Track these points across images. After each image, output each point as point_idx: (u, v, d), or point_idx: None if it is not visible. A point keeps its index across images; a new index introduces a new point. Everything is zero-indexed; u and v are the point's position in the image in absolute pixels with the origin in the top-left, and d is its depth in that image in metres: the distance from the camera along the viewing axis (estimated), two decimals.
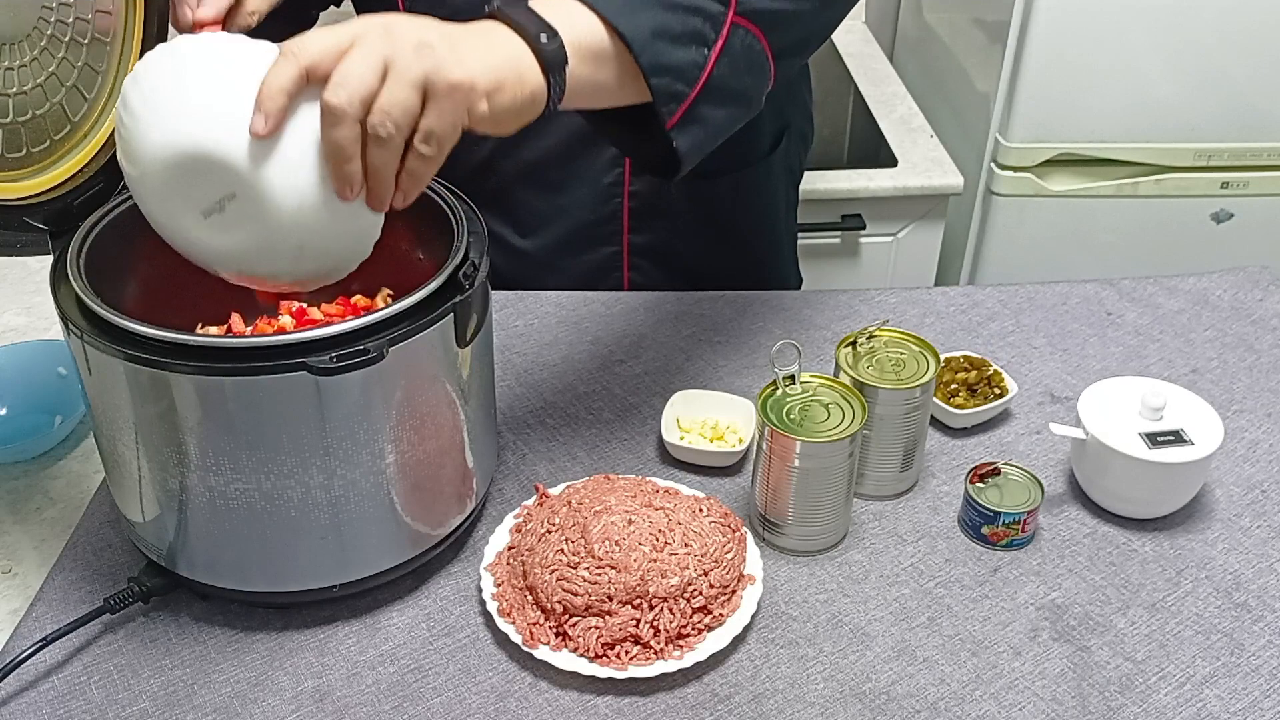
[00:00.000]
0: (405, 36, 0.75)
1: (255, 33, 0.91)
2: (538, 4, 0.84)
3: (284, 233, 0.78)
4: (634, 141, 0.98)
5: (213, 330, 1.02)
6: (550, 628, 0.89)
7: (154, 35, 0.96)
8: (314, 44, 0.74)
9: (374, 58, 0.74)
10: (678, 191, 1.29)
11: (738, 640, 0.90)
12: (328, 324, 0.80)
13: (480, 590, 0.93)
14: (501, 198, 1.29)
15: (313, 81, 0.74)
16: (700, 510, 0.94)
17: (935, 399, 1.09)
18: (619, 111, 0.92)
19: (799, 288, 1.50)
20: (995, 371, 1.13)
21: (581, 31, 0.84)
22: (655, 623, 0.87)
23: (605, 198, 1.28)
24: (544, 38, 0.81)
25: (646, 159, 0.99)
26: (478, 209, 0.94)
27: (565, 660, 0.87)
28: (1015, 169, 1.97)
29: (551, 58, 0.82)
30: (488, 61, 0.79)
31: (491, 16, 0.83)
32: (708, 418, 1.10)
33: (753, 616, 0.91)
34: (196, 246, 0.83)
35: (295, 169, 0.76)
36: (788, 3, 0.95)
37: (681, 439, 1.08)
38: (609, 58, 0.86)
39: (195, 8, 0.89)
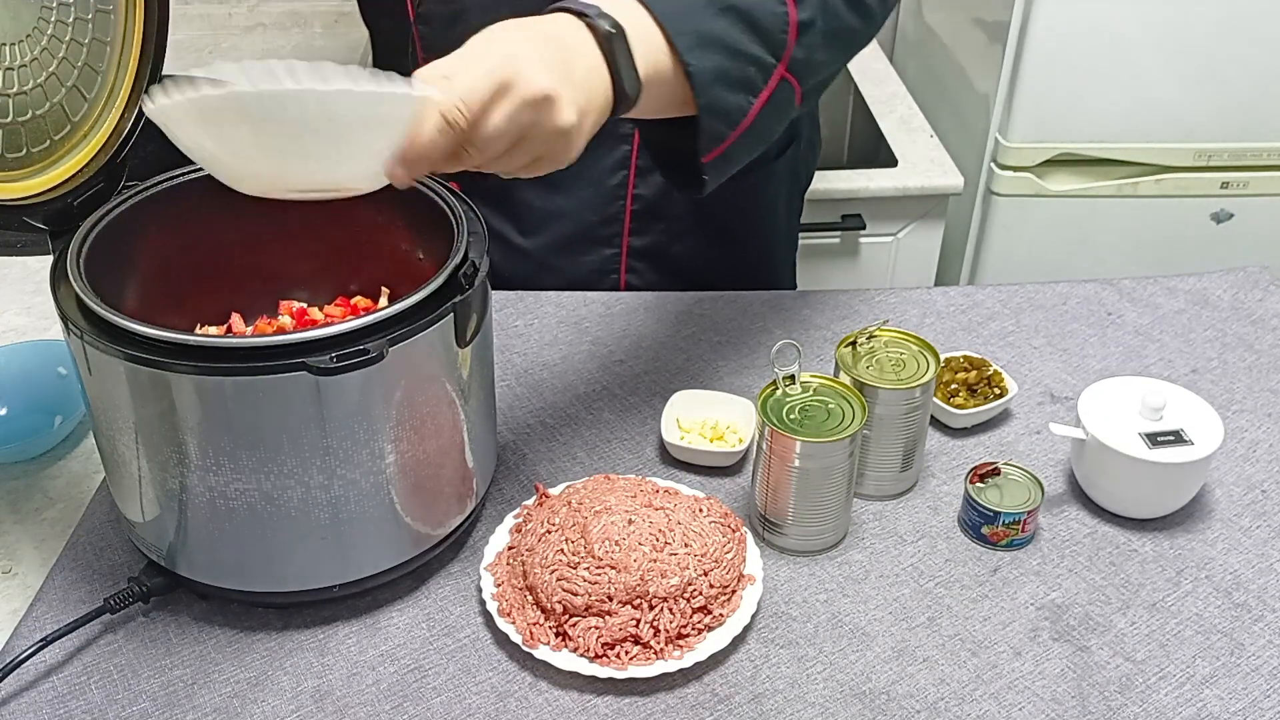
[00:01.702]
0: (550, 120, 0.79)
1: None
2: (622, 16, 0.86)
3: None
4: (660, 152, 1.01)
5: (213, 330, 1.03)
6: (550, 628, 0.89)
7: (154, 35, 0.96)
8: (472, 103, 0.75)
9: (515, 129, 0.78)
10: (680, 195, 1.29)
11: (738, 640, 0.90)
12: (328, 324, 0.80)
13: (480, 590, 0.93)
14: (504, 196, 1.29)
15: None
16: (700, 510, 0.94)
17: (935, 399, 1.09)
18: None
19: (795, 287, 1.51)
20: (995, 371, 1.13)
21: (655, 57, 0.87)
22: (655, 623, 0.87)
23: (609, 200, 1.28)
24: (628, 87, 0.85)
25: (667, 165, 1.01)
26: (480, 206, 0.94)
27: (565, 660, 0.87)
28: (1015, 169, 1.97)
29: (625, 102, 0.86)
30: (591, 126, 0.83)
31: (593, 33, 0.84)
32: (708, 418, 1.10)
33: (753, 616, 0.91)
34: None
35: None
36: (826, 56, 1.00)
37: (681, 439, 1.08)
38: (670, 85, 0.89)
39: None
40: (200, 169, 0.97)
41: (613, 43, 0.84)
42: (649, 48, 0.87)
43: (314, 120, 0.70)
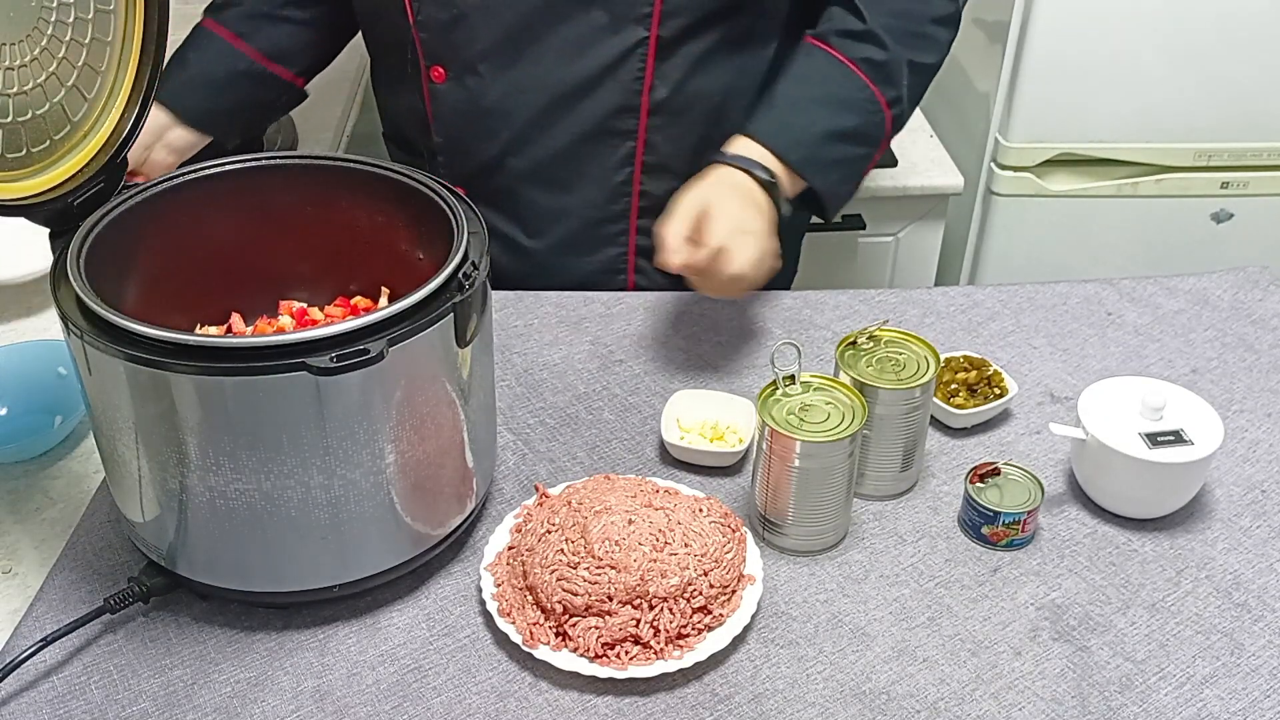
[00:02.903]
0: (735, 266, 1.07)
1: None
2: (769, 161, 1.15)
3: None
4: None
5: (213, 330, 1.03)
6: (550, 628, 0.89)
7: (154, 35, 0.96)
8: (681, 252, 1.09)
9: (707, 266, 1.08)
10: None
11: (738, 640, 0.90)
12: (328, 324, 0.80)
13: (480, 590, 0.93)
14: (510, 196, 1.29)
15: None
16: (700, 510, 0.94)
17: (935, 399, 1.09)
18: None
19: (790, 285, 1.51)
20: (995, 371, 1.13)
21: (796, 184, 1.17)
22: (655, 623, 0.87)
23: (614, 197, 1.28)
24: (783, 210, 1.15)
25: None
26: (485, 209, 0.94)
27: (565, 660, 0.87)
28: (1015, 169, 1.97)
29: (784, 215, 1.16)
30: (770, 244, 1.11)
31: (764, 187, 1.14)
32: (708, 418, 1.10)
33: (753, 616, 0.91)
34: None
35: None
36: (913, 109, 1.24)
37: (681, 439, 1.08)
38: (802, 189, 1.18)
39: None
40: (199, 169, 0.97)
41: (771, 190, 1.13)
42: (793, 181, 1.16)
43: None
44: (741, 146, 1.16)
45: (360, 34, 1.39)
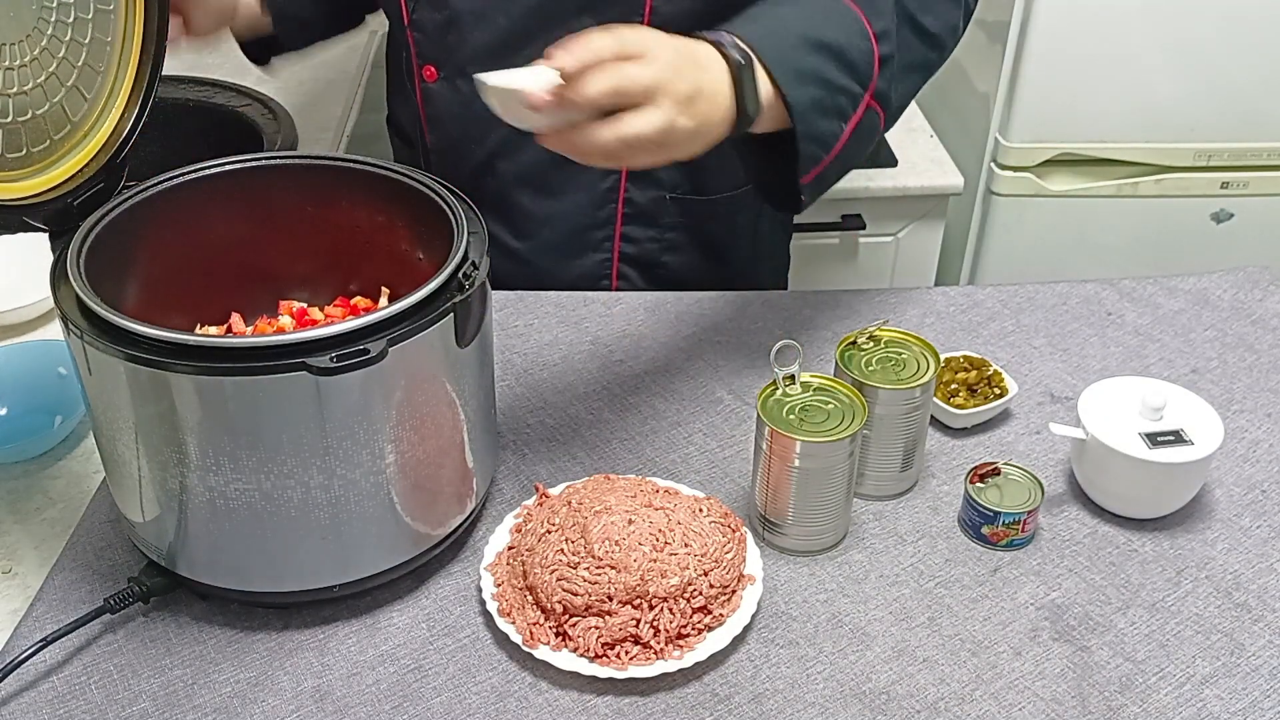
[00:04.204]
0: (637, 123, 0.87)
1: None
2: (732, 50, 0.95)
3: None
4: (759, 175, 1.09)
5: (213, 330, 1.03)
6: (550, 628, 0.89)
7: (154, 35, 0.96)
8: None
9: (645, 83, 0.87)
10: (672, 204, 1.30)
11: (738, 640, 0.90)
12: (328, 324, 0.80)
13: (480, 590, 0.93)
14: (500, 199, 1.30)
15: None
16: (700, 510, 0.94)
17: (935, 399, 1.09)
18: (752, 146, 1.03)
19: (785, 284, 1.51)
20: (995, 371, 1.13)
21: (764, 87, 0.96)
22: (655, 623, 0.87)
23: (601, 203, 1.29)
24: (750, 109, 0.94)
25: (766, 188, 1.09)
26: (476, 209, 0.94)
27: (565, 660, 0.87)
28: (1015, 169, 1.97)
29: (745, 121, 0.95)
30: (707, 140, 0.93)
31: (729, 66, 0.94)
32: None
33: (753, 616, 0.91)
34: None
35: None
36: (904, 87, 1.09)
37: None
38: (772, 110, 0.97)
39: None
40: (199, 169, 0.98)
41: (741, 72, 0.94)
42: (760, 79, 0.95)
43: None
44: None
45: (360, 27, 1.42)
